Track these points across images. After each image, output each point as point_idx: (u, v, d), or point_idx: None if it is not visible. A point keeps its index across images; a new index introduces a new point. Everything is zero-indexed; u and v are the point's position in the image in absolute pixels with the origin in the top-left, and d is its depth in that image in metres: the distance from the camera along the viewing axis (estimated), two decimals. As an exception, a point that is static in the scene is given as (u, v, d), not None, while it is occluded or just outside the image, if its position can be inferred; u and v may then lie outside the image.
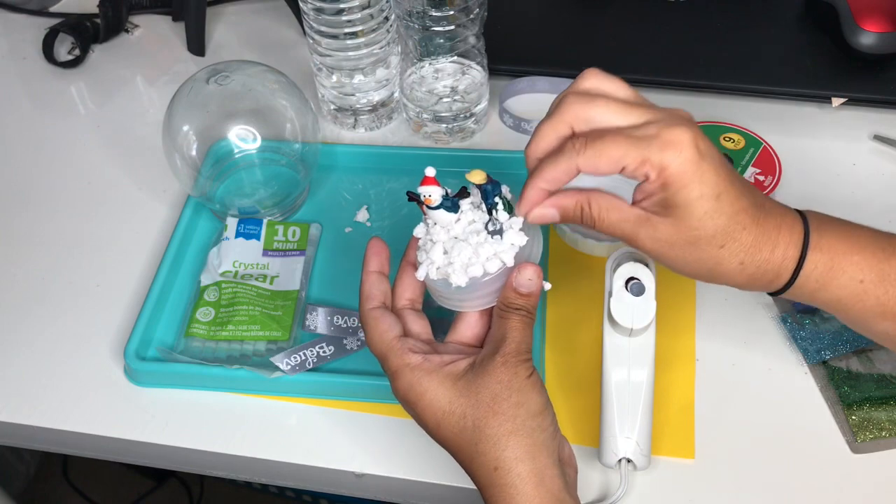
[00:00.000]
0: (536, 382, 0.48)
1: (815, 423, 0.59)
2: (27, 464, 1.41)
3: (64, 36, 0.91)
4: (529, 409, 0.47)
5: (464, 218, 0.50)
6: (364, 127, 0.80)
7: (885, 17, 0.77)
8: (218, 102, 0.69)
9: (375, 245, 0.54)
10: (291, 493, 1.31)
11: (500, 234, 0.49)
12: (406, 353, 0.49)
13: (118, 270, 0.71)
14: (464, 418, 0.47)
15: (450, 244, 0.50)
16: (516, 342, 0.48)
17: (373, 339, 0.51)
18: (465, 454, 0.47)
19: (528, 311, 0.49)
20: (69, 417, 0.62)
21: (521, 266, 0.49)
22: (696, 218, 0.45)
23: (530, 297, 0.49)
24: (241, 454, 0.60)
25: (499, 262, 0.49)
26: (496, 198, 0.49)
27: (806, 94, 0.78)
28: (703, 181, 0.44)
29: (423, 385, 0.48)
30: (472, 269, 0.49)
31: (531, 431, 0.46)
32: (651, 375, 0.54)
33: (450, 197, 0.49)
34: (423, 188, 0.49)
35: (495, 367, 0.47)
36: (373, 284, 0.53)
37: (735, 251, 0.46)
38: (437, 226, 0.50)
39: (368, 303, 0.52)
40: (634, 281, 0.53)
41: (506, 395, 0.46)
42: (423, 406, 0.48)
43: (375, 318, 0.51)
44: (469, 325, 0.52)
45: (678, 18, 0.86)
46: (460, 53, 0.75)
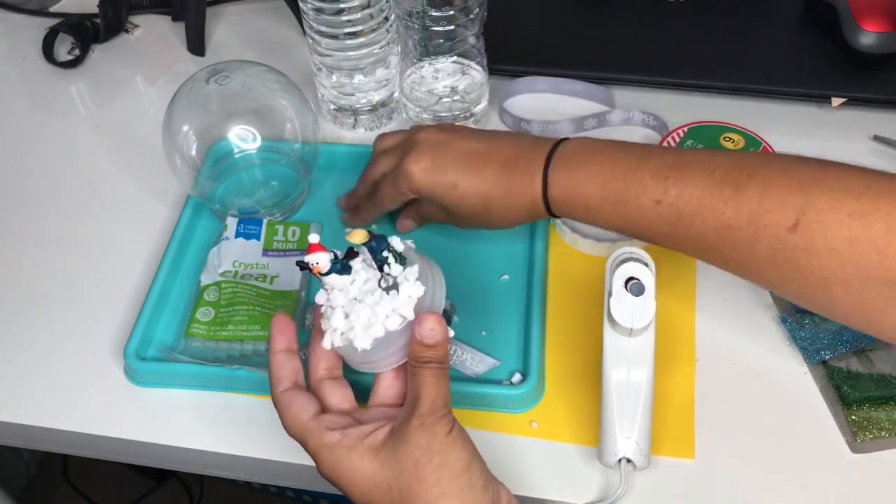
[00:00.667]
0: (457, 438, 0.47)
1: (814, 423, 0.59)
2: (27, 464, 1.41)
3: (64, 36, 0.91)
4: (453, 469, 0.46)
5: (358, 278, 0.49)
6: (364, 127, 0.80)
7: (885, 17, 0.77)
8: (218, 102, 0.69)
9: (279, 322, 0.53)
10: (291, 493, 1.31)
11: (396, 288, 0.48)
12: (323, 433, 0.48)
13: (118, 270, 0.71)
14: (389, 490, 0.46)
15: (350, 307, 0.49)
16: (430, 399, 0.47)
17: (288, 423, 0.50)
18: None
19: (439, 362, 0.48)
20: (69, 417, 0.62)
21: (421, 318, 0.48)
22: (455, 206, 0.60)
23: (437, 347, 0.48)
24: (241, 454, 0.60)
25: (399, 318, 0.48)
26: (384, 252, 0.48)
27: (806, 94, 0.78)
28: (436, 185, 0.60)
29: (343, 463, 0.47)
30: (372, 329, 0.48)
31: (459, 490, 0.46)
32: (651, 375, 0.54)
33: (339, 260, 0.49)
34: (310, 256, 0.48)
35: (412, 432, 0.46)
36: (280, 366, 0.52)
37: (497, 209, 0.59)
38: (335, 290, 0.50)
39: (279, 386, 0.51)
40: (634, 281, 0.53)
41: (426, 460, 0.46)
42: (346, 484, 0.48)
43: (287, 402, 0.50)
44: (387, 386, 0.52)
45: (678, 18, 0.86)
46: (460, 53, 0.75)
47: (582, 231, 0.68)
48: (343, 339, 0.50)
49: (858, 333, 0.61)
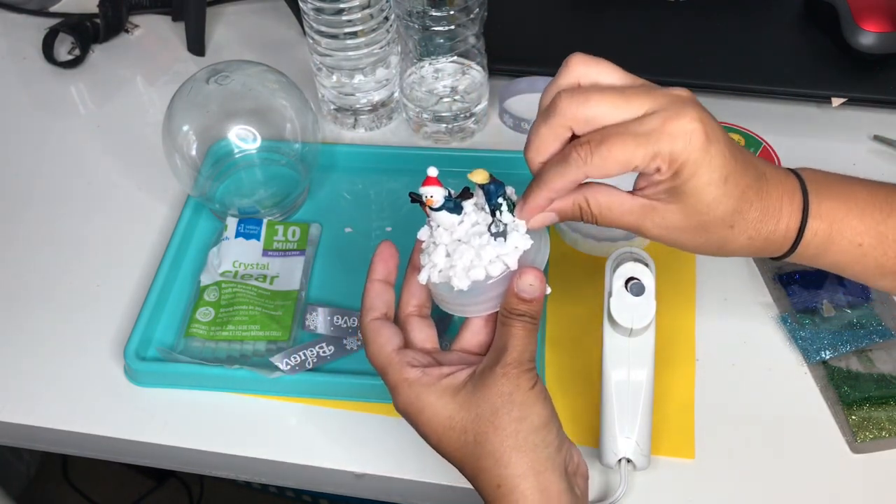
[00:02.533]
0: (540, 394, 0.46)
1: (815, 423, 0.59)
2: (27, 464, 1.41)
3: (64, 36, 0.91)
4: (532, 424, 0.45)
5: (467, 220, 0.49)
6: (364, 127, 0.80)
7: (885, 17, 0.77)
8: (218, 102, 0.69)
9: (383, 251, 0.52)
10: (291, 493, 1.31)
11: (504, 236, 0.47)
12: (404, 368, 0.48)
13: (118, 270, 0.71)
14: (465, 433, 0.46)
15: (452, 247, 0.49)
16: (518, 351, 0.46)
17: (372, 352, 0.50)
18: (469, 469, 0.46)
19: (532, 318, 0.47)
20: (69, 417, 0.62)
21: (522, 271, 0.47)
22: (705, 204, 0.44)
23: (533, 302, 0.47)
24: (241, 454, 0.60)
25: (502, 266, 0.47)
26: (500, 199, 0.47)
27: (806, 94, 0.78)
28: (711, 167, 0.44)
29: (423, 400, 0.47)
30: (473, 272, 0.47)
31: (534, 447, 0.45)
32: (651, 375, 0.54)
33: (452, 198, 0.48)
34: (425, 189, 0.47)
35: (496, 379, 0.45)
36: (376, 294, 0.51)
37: (743, 229, 0.46)
38: (441, 228, 0.49)
39: (369, 314, 0.51)
40: (634, 281, 0.53)
41: (507, 410, 0.45)
42: (423, 421, 0.47)
43: (374, 331, 0.50)
44: (473, 333, 0.51)
45: (678, 18, 0.86)
46: (460, 53, 0.75)
47: (582, 231, 0.68)
48: (441, 277, 0.49)
49: (858, 333, 0.61)
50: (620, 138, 0.43)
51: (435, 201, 0.48)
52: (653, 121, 0.43)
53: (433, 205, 0.48)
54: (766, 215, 0.46)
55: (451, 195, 0.48)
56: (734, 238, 0.46)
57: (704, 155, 0.43)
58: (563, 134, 0.45)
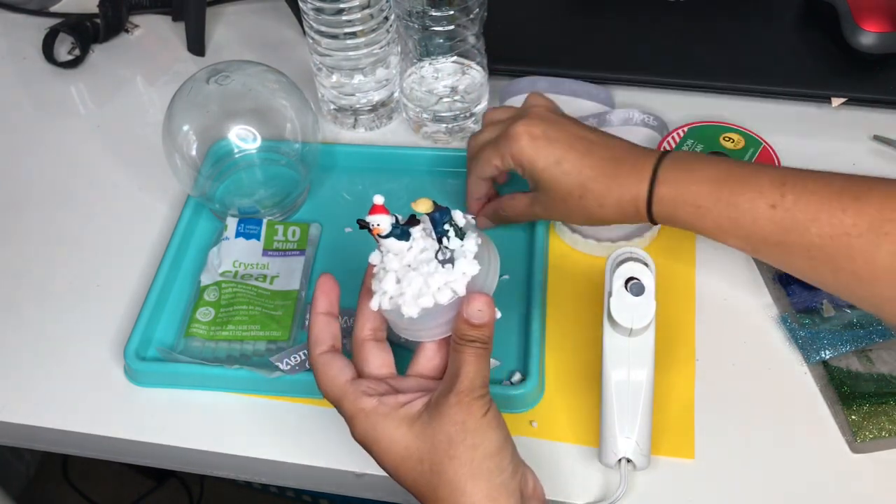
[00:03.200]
0: (492, 420, 0.47)
1: (815, 423, 0.59)
2: (27, 464, 1.41)
3: (64, 36, 0.91)
4: (486, 451, 0.46)
5: (416, 245, 0.49)
6: (364, 127, 0.80)
7: (885, 17, 0.77)
8: (218, 102, 0.69)
9: (324, 284, 0.53)
10: (291, 493, 1.31)
11: (452, 262, 0.48)
12: (360, 398, 0.48)
13: (118, 270, 0.71)
14: (421, 462, 0.47)
15: (402, 272, 0.49)
16: (469, 378, 0.47)
17: (324, 385, 0.50)
18: (426, 498, 0.47)
19: (482, 343, 0.48)
20: (69, 417, 0.62)
21: (470, 297, 0.48)
22: (550, 181, 0.59)
23: (483, 328, 0.48)
24: (241, 454, 0.60)
25: (450, 293, 0.48)
26: (446, 225, 0.48)
27: (806, 94, 0.78)
28: (541, 155, 0.59)
29: (379, 430, 0.47)
30: (422, 299, 0.48)
31: (489, 474, 0.46)
32: (651, 375, 0.54)
33: (399, 225, 0.49)
34: (372, 217, 0.48)
35: (449, 408, 0.46)
36: (321, 328, 0.52)
37: (592, 198, 0.58)
38: (390, 254, 0.49)
39: (317, 348, 0.51)
40: (634, 281, 0.53)
41: (460, 438, 0.46)
42: (380, 451, 0.48)
43: (325, 364, 0.51)
44: (428, 358, 0.52)
45: (678, 18, 0.86)
46: (460, 53, 0.75)
47: (582, 231, 0.68)
48: (391, 304, 0.49)
49: (858, 333, 0.61)
50: (485, 150, 0.62)
51: (382, 229, 0.48)
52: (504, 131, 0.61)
53: (380, 232, 0.48)
54: (610, 187, 0.57)
55: (399, 222, 0.49)
56: (590, 206, 0.58)
57: (532, 148, 0.59)
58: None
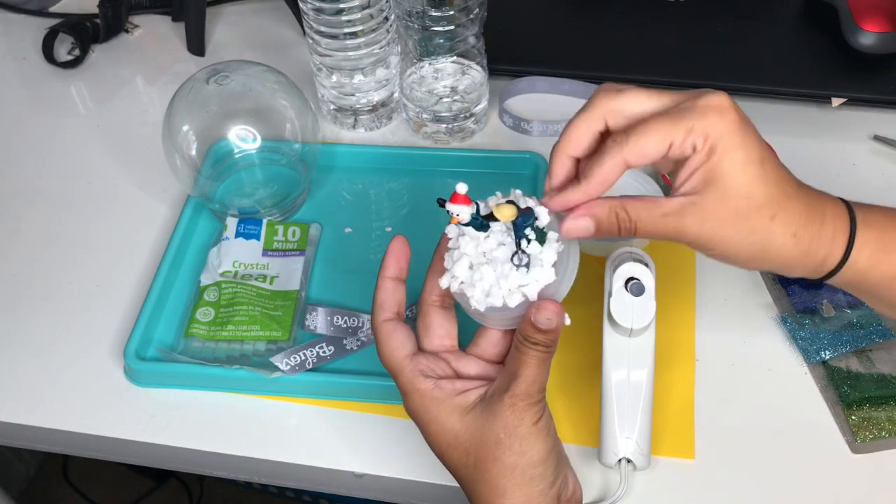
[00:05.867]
0: (543, 429, 0.46)
1: (815, 423, 0.59)
2: (27, 464, 1.41)
3: (64, 36, 0.91)
4: (531, 459, 0.46)
5: (493, 238, 0.47)
6: (364, 127, 0.80)
7: (885, 17, 0.77)
8: (218, 102, 0.69)
9: (396, 247, 0.50)
10: (291, 493, 1.31)
11: (528, 267, 0.46)
12: (417, 377, 0.48)
13: (118, 270, 0.71)
14: (467, 455, 0.47)
15: (476, 260, 0.47)
16: (528, 382, 0.46)
17: (384, 354, 0.49)
18: (466, 487, 0.48)
19: (546, 346, 0.46)
20: (69, 417, 0.62)
21: (540, 304, 0.46)
22: (743, 185, 0.43)
23: (549, 333, 0.46)
24: (241, 454, 0.60)
25: (520, 297, 0.46)
26: (527, 229, 0.46)
27: (806, 94, 0.78)
28: (747, 145, 0.43)
29: (431, 413, 0.47)
30: (491, 298, 0.47)
31: (530, 481, 0.46)
32: (651, 375, 0.54)
33: (479, 216, 0.47)
34: (452, 206, 0.46)
35: (503, 409, 0.46)
36: (388, 293, 0.50)
37: (787, 222, 0.44)
38: (467, 237, 0.47)
39: (381, 313, 0.50)
40: (634, 281, 0.53)
41: (508, 443, 0.46)
42: (430, 432, 0.48)
43: (387, 333, 0.49)
44: (491, 343, 0.50)
45: (678, 18, 0.86)
46: (460, 53, 0.75)
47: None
48: (460, 288, 0.48)
49: (858, 333, 0.61)
50: (654, 119, 0.43)
51: (461, 219, 0.46)
52: (684, 103, 0.44)
53: (460, 222, 0.47)
54: (810, 213, 0.44)
55: (479, 211, 0.47)
56: (778, 233, 0.44)
57: (739, 131, 0.43)
58: (597, 126, 0.45)
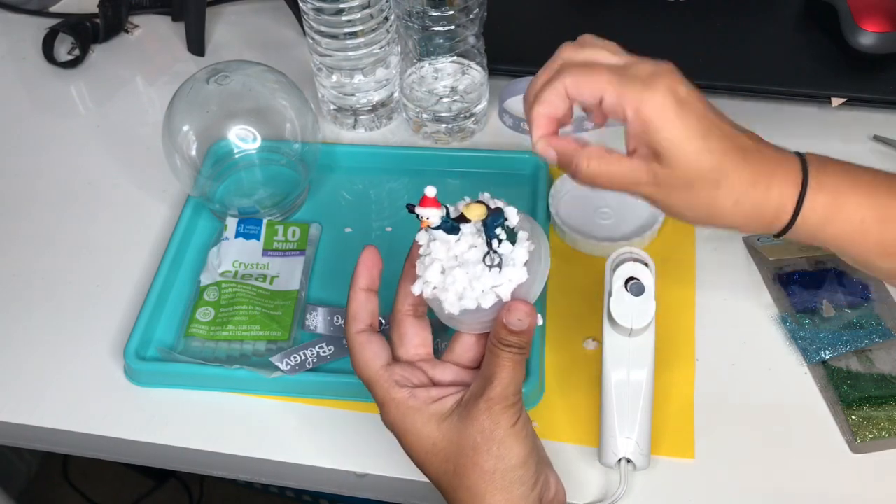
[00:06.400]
0: (520, 431, 0.46)
1: (815, 423, 0.59)
2: (27, 464, 1.41)
3: (64, 36, 0.91)
4: (509, 463, 0.46)
5: (464, 241, 0.47)
6: (364, 127, 0.80)
7: (885, 17, 0.77)
8: (218, 102, 0.69)
9: (367, 258, 0.51)
10: (291, 493, 1.31)
11: (500, 267, 0.46)
12: (392, 387, 0.48)
13: (118, 270, 0.71)
14: (446, 462, 0.47)
15: (448, 264, 0.48)
16: (503, 385, 0.46)
17: (358, 366, 0.50)
18: (447, 495, 0.48)
19: (521, 348, 0.47)
20: (69, 417, 0.62)
21: (512, 305, 0.46)
22: (687, 158, 0.46)
23: (522, 335, 0.46)
24: (241, 454, 0.60)
25: (494, 298, 0.47)
26: (497, 229, 0.46)
27: (806, 94, 0.78)
28: (685, 122, 0.46)
29: (408, 422, 0.47)
30: (465, 301, 0.47)
31: (510, 485, 0.46)
32: (651, 375, 0.54)
33: (450, 219, 0.47)
34: (421, 210, 0.46)
35: (479, 413, 0.46)
36: (360, 304, 0.50)
37: (730, 190, 0.47)
38: (438, 241, 0.48)
39: (354, 325, 0.50)
40: (634, 281, 0.53)
41: (486, 447, 0.46)
42: (408, 442, 0.48)
43: (361, 344, 0.50)
44: (466, 348, 0.51)
45: (678, 18, 0.86)
46: (460, 53, 0.75)
47: (582, 231, 0.68)
48: (433, 293, 0.48)
49: (858, 333, 0.61)
50: (601, 69, 0.48)
51: (431, 223, 0.47)
52: (633, 70, 0.47)
53: (430, 225, 0.47)
54: (756, 182, 0.47)
55: (449, 214, 0.47)
56: (721, 201, 0.47)
57: (674, 107, 0.46)
58: (562, 90, 0.49)
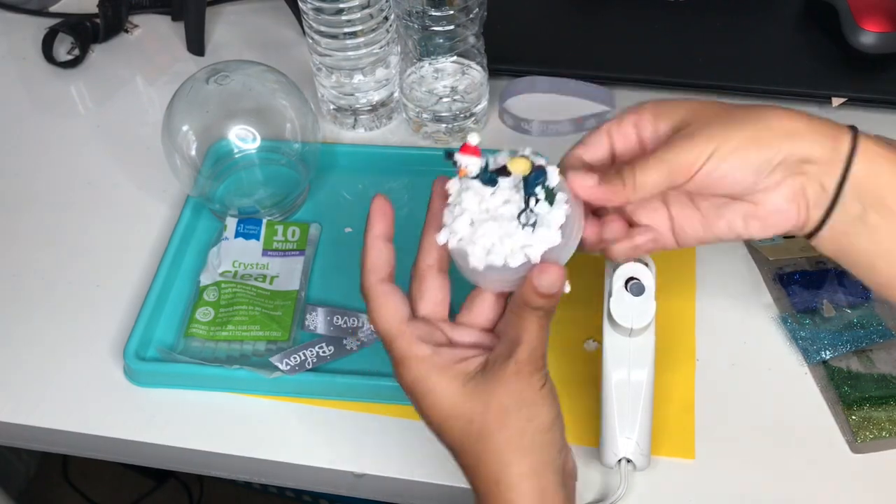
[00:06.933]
0: (549, 394, 0.45)
1: (815, 423, 0.59)
2: (27, 464, 1.41)
3: (64, 36, 0.91)
4: (539, 425, 0.44)
5: (499, 195, 0.45)
6: (364, 127, 0.80)
7: (885, 17, 0.77)
8: (218, 102, 0.69)
9: (380, 205, 0.48)
10: (291, 493, 1.31)
11: (533, 227, 0.44)
12: (414, 343, 0.45)
13: (118, 270, 0.71)
14: (470, 423, 0.44)
15: (479, 217, 0.45)
16: (531, 347, 0.44)
17: (378, 319, 0.46)
18: (467, 459, 0.45)
19: (547, 312, 0.45)
20: (69, 417, 0.62)
21: (543, 267, 0.44)
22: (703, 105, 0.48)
23: (551, 298, 0.45)
24: (241, 454, 0.60)
25: (523, 257, 0.44)
26: (538, 187, 0.44)
27: (806, 94, 0.78)
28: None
29: (431, 382, 0.45)
30: (492, 256, 0.45)
31: (540, 448, 0.44)
32: (651, 375, 0.54)
33: (489, 171, 0.45)
34: (461, 157, 0.44)
35: (507, 376, 0.44)
36: (378, 254, 0.47)
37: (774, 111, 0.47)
38: (471, 192, 0.45)
39: (373, 275, 0.47)
40: (634, 281, 0.53)
41: (515, 409, 0.44)
42: (427, 403, 0.45)
43: (383, 295, 0.47)
44: (484, 309, 0.48)
45: (678, 18, 0.86)
46: (460, 53, 0.75)
47: (582, 231, 0.68)
48: (459, 244, 0.46)
49: (858, 333, 0.61)
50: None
51: (469, 171, 0.45)
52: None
53: (468, 174, 0.45)
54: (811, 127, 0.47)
55: (488, 165, 0.45)
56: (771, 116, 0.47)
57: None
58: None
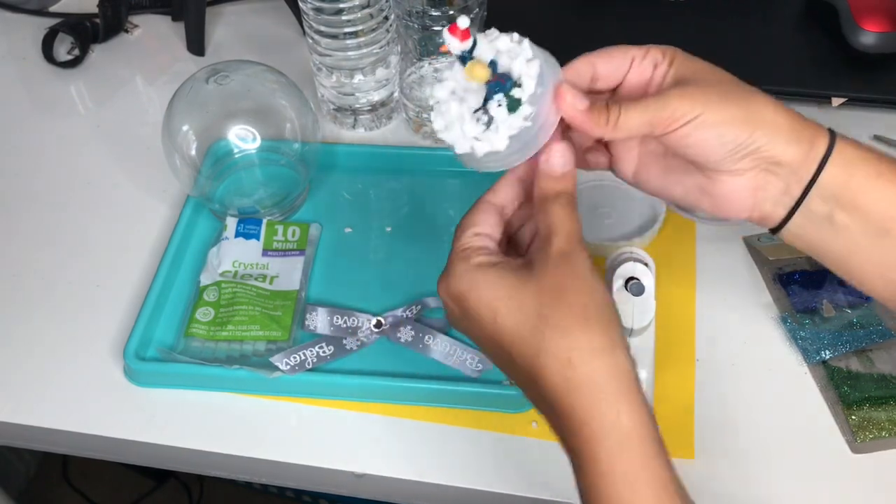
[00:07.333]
0: (598, 274, 0.43)
1: (815, 423, 0.59)
2: (27, 464, 1.41)
3: (63, 36, 0.91)
4: (601, 299, 0.42)
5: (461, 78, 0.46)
6: (364, 127, 0.80)
7: (885, 17, 0.77)
8: (217, 102, 0.69)
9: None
10: (291, 493, 1.31)
11: (488, 126, 0.44)
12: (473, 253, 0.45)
13: (118, 270, 0.71)
14: (523, 305, 0.42)
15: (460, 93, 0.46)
16: (566, 233, 0.43)
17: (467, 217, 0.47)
18: (528, 349, 0.42)
19: (569, 197, 0.44)
20: (69, 417, 0.62)
21: (549, 148, 0.44)
22: (711, 71, 0.47)
23: (566, 177, 0.44)
24: (241, 454, 0.60)
25: (468, 148, 0.45)
26: (498, 95, 0.44)
27: (806, 94, 0.78)
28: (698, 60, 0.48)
29: (480, 273, 0.44)
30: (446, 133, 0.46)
31: (608, 322, 0.41)
32: (651, 375, 0.54)
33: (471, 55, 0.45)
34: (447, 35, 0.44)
35: (555, 265, 0.42)
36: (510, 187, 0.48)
37: (765, 100, 0.46)
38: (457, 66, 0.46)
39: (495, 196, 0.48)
40: (634, 281, 0.54)
41: (574, 287, 0.41)
42: (478, 296, 0.43)
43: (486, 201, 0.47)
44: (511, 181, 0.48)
45: (678, 18, 0.86)
46: (460, 53, 0.75)
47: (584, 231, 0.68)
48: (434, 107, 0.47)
49: (858, 333, 0.61)
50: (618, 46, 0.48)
51: (451, 50, 0.45)
52: None
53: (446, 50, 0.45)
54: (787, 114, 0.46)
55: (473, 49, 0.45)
56: (762, 104, 0.46)
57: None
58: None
